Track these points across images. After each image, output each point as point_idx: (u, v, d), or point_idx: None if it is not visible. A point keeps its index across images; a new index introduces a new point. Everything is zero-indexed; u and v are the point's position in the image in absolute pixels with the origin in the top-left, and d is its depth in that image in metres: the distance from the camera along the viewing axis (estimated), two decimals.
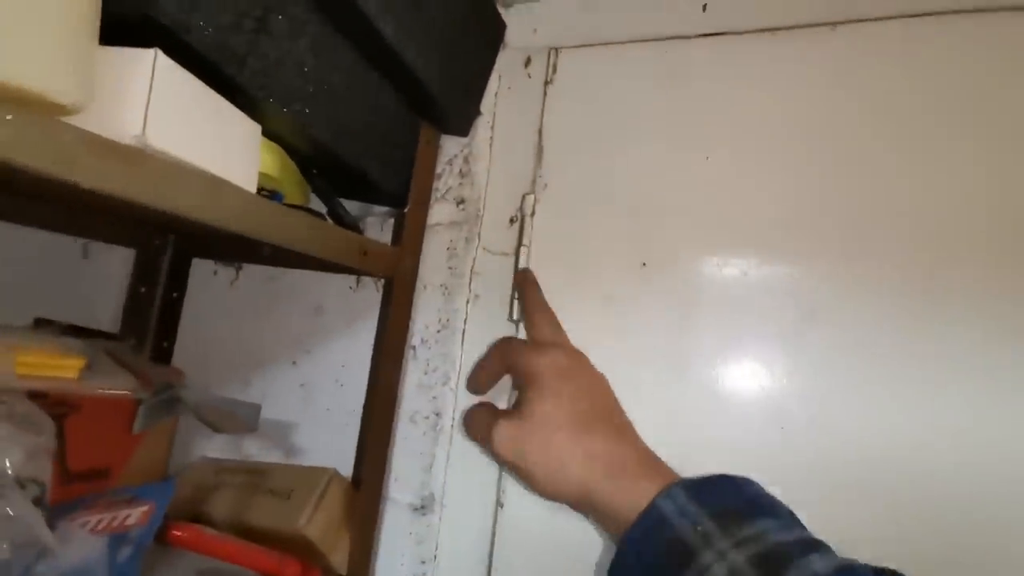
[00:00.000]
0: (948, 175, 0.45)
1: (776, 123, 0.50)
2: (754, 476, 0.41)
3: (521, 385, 0.46)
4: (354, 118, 0.47)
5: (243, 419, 0.50)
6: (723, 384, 0.49)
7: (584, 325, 0.51)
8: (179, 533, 0.44)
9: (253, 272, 0.67)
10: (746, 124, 0.51)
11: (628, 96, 0.55)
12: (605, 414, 0.44)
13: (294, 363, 0.63)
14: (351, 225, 0.52)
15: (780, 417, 0.47)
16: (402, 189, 0.55)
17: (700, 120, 0.52)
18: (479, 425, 0.48)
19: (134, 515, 0.42)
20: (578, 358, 0.47)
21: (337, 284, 0.62)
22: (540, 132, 0.57)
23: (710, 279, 0.50)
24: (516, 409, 0.45)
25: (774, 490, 0.40)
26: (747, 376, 0.48)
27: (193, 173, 0.34)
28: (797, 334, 0.47)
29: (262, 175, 0.45)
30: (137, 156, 0.30)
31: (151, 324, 0.64)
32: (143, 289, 0.64)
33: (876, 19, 0.49)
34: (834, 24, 0.49)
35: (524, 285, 0.53)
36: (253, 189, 0.40)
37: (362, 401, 0.59)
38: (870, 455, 0.44)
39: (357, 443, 0.57)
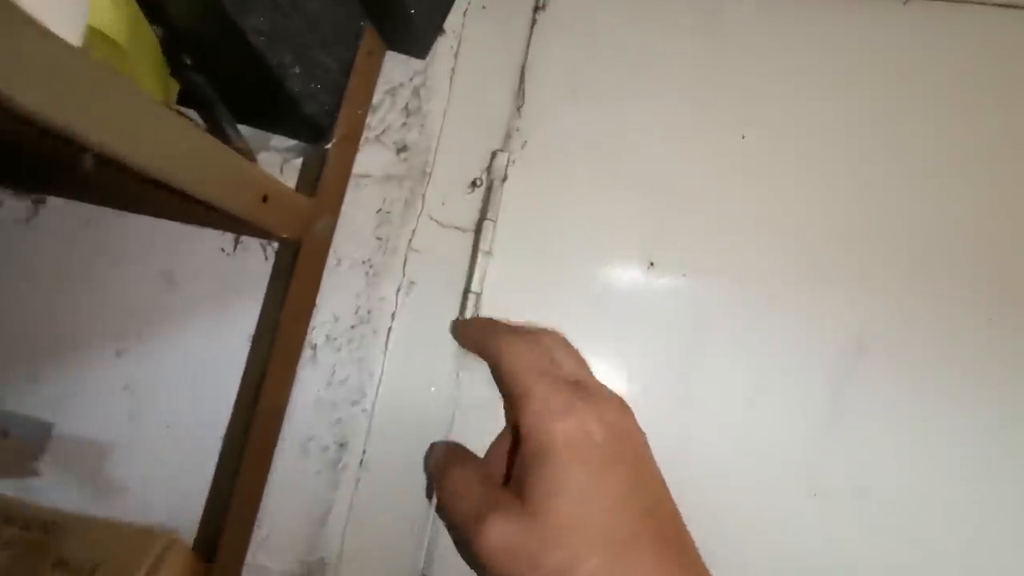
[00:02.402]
0: None
1: (830, 106, 0.40)
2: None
3: (525, 453, 0.29)
4: None
5: (18, 449, 0.29)
6: (743, 429, 0.37)
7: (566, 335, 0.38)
8: None
9: (62, 210, 0.44)
10: (794, 102, 0.40)
11: (648, 43, 0.42)
12: (659, 522, 0.28)
13: (118, 354, 0.42)
14: (244, 151, 0.34)
15: (813, 479, 0.36)
16: (325, 116, 0.37)
17: (739, 89, 0.41)
18: (462, 497, 0.30)
19: None
20: (619, 420, 0.30)
21: (201, 242, 0.42)
22: (523, 70, 0.42)
23: (733, 294, 0.38)
24: (521, 495, 0.28)
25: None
26: (774, 423, 0.37)
27: None
28: (843, 371, 0.37)
29: (94, 34, 0.26)
30: None
31: None
32: None
33: (952, 0, 0.40)
34: None
35: (478, 328, 0.37)
36: (76, 43, 0.21)
37: (226, 419, 0.40)
38: (922, 535, 0.35)
39: (212, 483, 0.39)
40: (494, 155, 0.41)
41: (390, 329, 0.40)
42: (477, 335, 0.36)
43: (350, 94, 0.37)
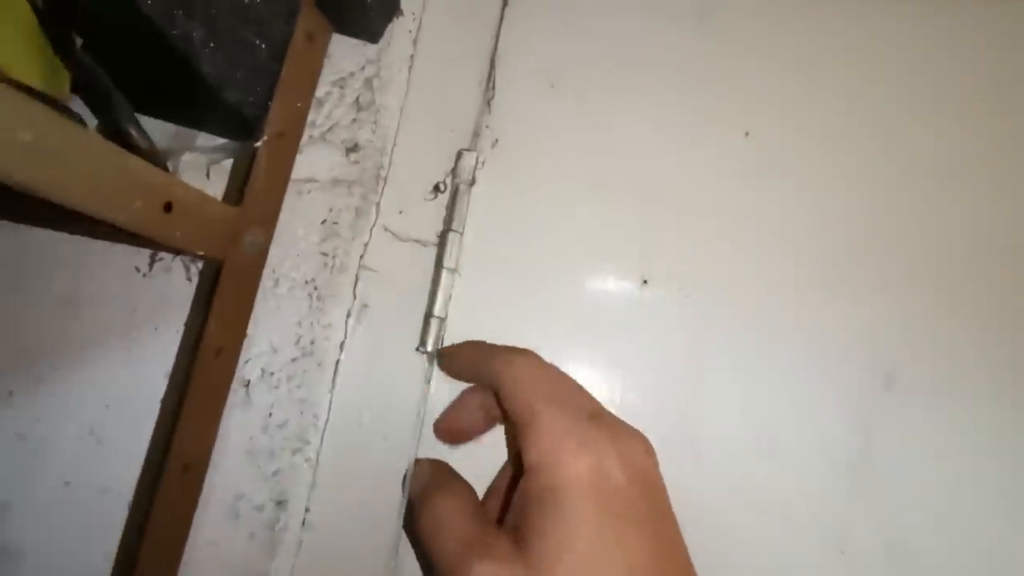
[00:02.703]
0: None
1: (844, 98, 0.35)
2: None
3: (529, 490, 0.24)
4: None
5: None
6: (759, 480, 0.32)
7: None
8: None
9: None
10: (804, 94, 0.35)
11: (638, 29, 0.36)
12: None
13: (11, 393, 0.35)
14: (147, 152, 0.27)
15: (840, 535, 0.31)
16: (252, 108, 0.31)
17: (741, 81, 0.35)
18: (447, 532, 0.25)
19: None
20: (644, 464, 0.25)
21: (109, 259, 0.35)
22: (493, 58, 0.36)
23: (740, 316, 0.33)
24: (519, 542, 0.23)
25: None
26: (795, 471, 0.32)
27: None
28: (870, 408, 0.32)
29: None
30: None
31: None
32: None
33: None
34: None
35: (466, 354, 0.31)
36: None
37: (136, 472, 0.33)
38: None
39: (119, 551, 0.32)
40: (460, 155, 0.35)
41: (338, 362, 0.34)
42: (470, 360, 0.31)
43: (285, 83, 0.31)
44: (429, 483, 0.29)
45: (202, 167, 0.35)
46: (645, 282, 0.34)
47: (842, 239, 0.33)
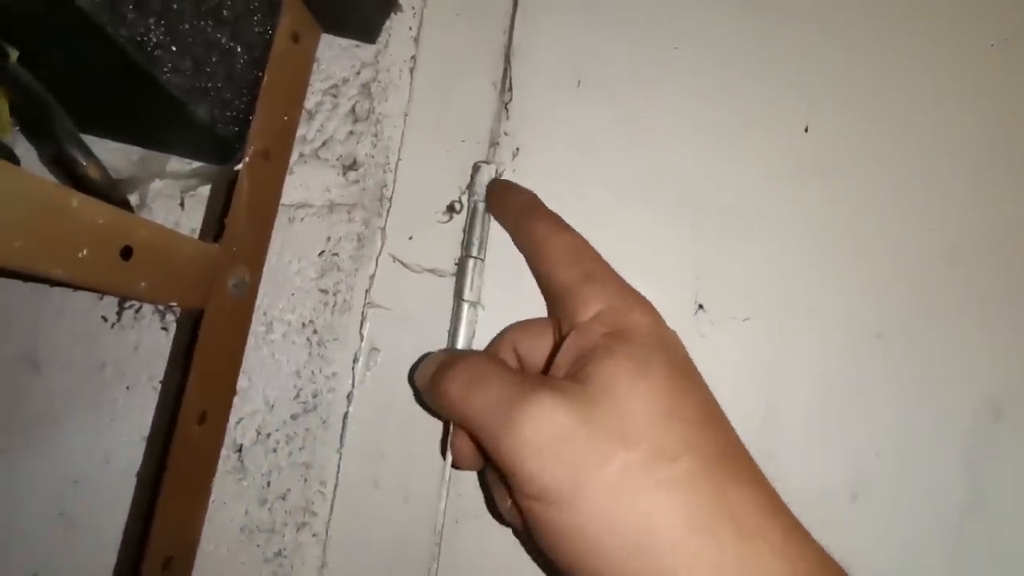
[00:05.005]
0: None
1: (929, 82, 0.30)
2: None
3: (588, 343, 0.22)
4: None
5: None
6: (847, 531, 0.27)
7: None
8: None
9: None
10: (876, 79, 0.30)
11: (676, 13, 0.31)
12: (737, 439, 0.22)
13: None
14: (99, 183, 0.22)
15: None
16: (228, 123, 0.26)
17: (798, 67, 0.31)
18: (487, 383, 0.22)
19: None
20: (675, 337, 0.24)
21: (72, 308, 0.30)
22: (507, 54, 0.32)
23: (816, 344, 0.28)
24: (580, 381, 0.21)
25: None
26: (891, 520, 0.27)
27: None
28: (979, 445, 0.27)
29: None
30: None
31: None
32: None
33: None
34: None
35: (509, 198, 0.29)
36: None
37: (112, 559, 0.28)
38: None
39: None
40: (476, 169, 0.30)
41: (346, 416, 0.29)
42: (513, 212, 0.28)
43: (267, 92, 0.26)
44: (451, 355, 0.25)
45: (175, 197, 0.30)
46: (700, 307, 0.29)
47: (931, 251, 0.29)
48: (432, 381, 0.24)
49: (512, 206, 0.28)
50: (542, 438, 0.19)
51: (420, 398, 0.28)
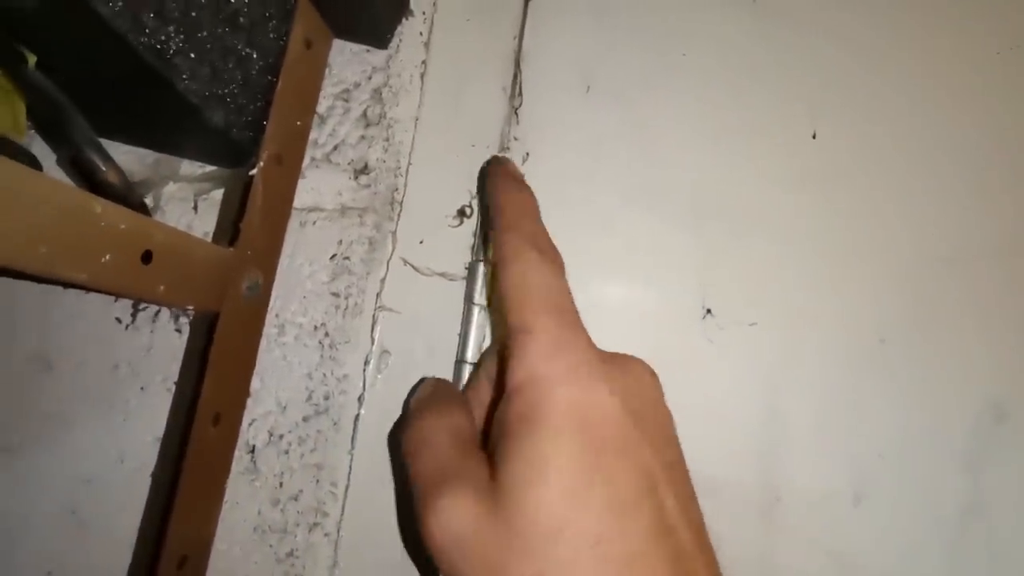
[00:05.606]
0: None
1: (939, 87, 0.30)
2: None
3: (510, 410, 0.20)
4: None
5: None
6: (851, 535, 0.27)
7: None
8: None
9: None
10: (884, 86, 0.31)
11: (686, 18, 0.32)
12: (677, 544, 0.19)
13: None
14: (117, 187, 0.23)
15: None
16: (243, 128, 0.26)
17: (808, 71, 0.31)
18: (425, 452, 0.22)
19: None
20: (646, 391, 0.22)
21: (86, 309, 0.31)
22: (518, 60, 0.32)
23: (824, 349, 0.28)
24: (494, 468, 0.20)
25: None
26: (893, 523, 0.27)
27: None
28: (980, 448, 0.27)
29: None
30: None
31: None
32: None
33: None
34: None
35: (502, 189, 0.26)
36: None
37: (126, 560, 0.28)
38: None
39: None
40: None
41: (357, 418, 0.29)
42: (496, 209, 0.25)
43: (281, 97, 0.26)
44: (424, 399, 0.25)
45: (188, 200, 0.30)
46: (708, 311, 0.29)
47: (935, 257, 0.29)
48: (404, 421, 0.23)
49: (499, 202, 0.26)
50: (448, 537, 0.19)
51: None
